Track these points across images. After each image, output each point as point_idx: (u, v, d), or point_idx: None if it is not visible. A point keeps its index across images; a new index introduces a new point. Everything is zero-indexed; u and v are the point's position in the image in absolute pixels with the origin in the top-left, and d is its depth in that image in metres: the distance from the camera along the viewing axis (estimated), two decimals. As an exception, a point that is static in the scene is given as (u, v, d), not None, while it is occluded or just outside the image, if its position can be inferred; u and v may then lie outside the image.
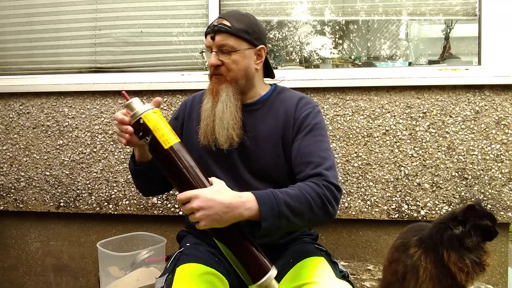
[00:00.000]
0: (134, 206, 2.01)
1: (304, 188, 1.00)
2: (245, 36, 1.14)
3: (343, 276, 1.01)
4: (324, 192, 1.00)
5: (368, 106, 1.88)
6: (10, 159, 2.12)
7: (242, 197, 0.93)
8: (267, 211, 0.93)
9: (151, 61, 2.15)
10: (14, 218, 2.16)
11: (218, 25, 1.14)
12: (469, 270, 0.96)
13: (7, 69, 2.25)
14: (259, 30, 1.19)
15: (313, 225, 1.21)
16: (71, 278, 2.14)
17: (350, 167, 1.89)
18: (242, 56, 1.15)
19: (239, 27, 1.13)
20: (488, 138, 1.82)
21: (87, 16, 2.18)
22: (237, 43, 1.14)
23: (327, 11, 2.11)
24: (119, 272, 1.20)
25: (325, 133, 1.16)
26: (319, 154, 1.09)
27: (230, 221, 0.92)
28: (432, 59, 2.07)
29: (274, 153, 1.16)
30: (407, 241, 1.06)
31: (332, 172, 1.06)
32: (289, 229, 1.06)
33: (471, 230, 0.96)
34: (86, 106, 2.06)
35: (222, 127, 1.12)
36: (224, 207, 0.90)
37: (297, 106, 1.19)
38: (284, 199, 0.96)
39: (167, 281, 1.03)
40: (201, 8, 2.10)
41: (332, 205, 1.01)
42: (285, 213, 0.95)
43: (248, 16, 1.19)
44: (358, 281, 1.45)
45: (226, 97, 1.13)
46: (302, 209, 0.97)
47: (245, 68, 1.16)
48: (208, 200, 0.90)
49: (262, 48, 1.19)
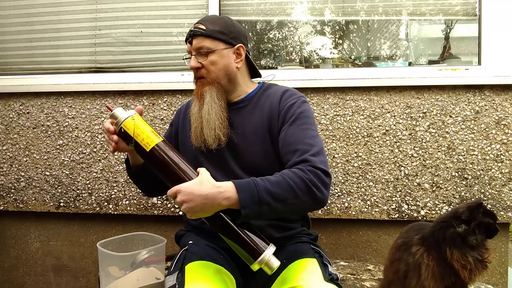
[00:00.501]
0: (134, 206, 2.01)
1: (287, 174, 1.02)
2: (221, 37, 1.18)
3: (331, 279, 1.01)
4: (309, 177, 1.01)
5: (368, 106, 1.88)
6: (10, 159, 2.12)
7: (220, 187, 0.97)
8: (246, 199, 0.96)
9: (151, 61, 2.15)
10: (14, 218, 2.16)
11: (194, 29, 1.19)
12: (472, 267, 0.96)
13: (7, 69, 2.26)
14: (235, 30, 1.22)
15: (303, 211, 1.20)
16: (71, 278, 2.15)
17: (350, 167, 1.89)
18: (220, 56, 1.18)
19: (214, 29, 1.18)
20: (488, 138, 1.82)
21: (87, 16, 2.18)
22: (213, 44, 1.18)
23: (327, 11, 2.11)
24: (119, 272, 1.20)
25: (311, 121, 1.16)
26: (305, 141, 1.10)
27: (212, 211, 0.97)
28: (432, 59, 2.07)
29: (262, 147, 1.18)
30: (408, 240, 1.06)
31: (319, 157, 1.06)
32: (275, 215, 1.06)
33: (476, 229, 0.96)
34: (86, 106, 2.06)
35: (209, 128, 1.16)
36: (203, 199, 0.95)
37: (281, 98, 1.21)
38: (264, 186, 0.98)
39: (178, 279, 1.04)
40: (201, 8, 2.10)
41: (319, 190, 1.01)
42: (266, 199, 0.97)
43: (224, 18, 1.23)
44: (358, 281, 1.45)
45: (210, 98, 1.17)
46: (284, 195, 0.98)
47: (225, 68, 1.19)
48: (188, 193, 0.95)
49: (241, 47, 1.21)
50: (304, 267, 1.06)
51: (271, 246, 0.98)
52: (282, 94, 1.22)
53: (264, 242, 0.98)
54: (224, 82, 1.21)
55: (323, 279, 1.00)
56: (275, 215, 1.06)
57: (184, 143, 1.29)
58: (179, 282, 1.03)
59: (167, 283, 1.07)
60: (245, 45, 1.23)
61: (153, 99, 2.02)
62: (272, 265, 0.96)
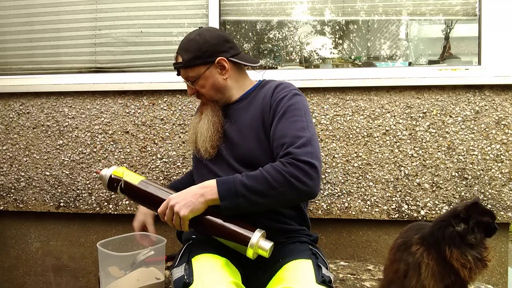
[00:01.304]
0: (134, 206, 2.01)
1: (266, 168, 1.08)
2: (197, 62, 1.25)
3: (323, 281, 1.02)
4: (287, 170, 1.05)
5: (368, 106, 1.88)
6: (10, 159, 2.12)
7: (205, 184, 1.09)
8: (224, 192, 1.06)
9: (151, 61, 2.15)
10: (14, 218, 2.16)
11: (175, 63, 1.29)
12: (472, 266, 0.96)
13: (7, 69, 2.26)
14: (209, 46, 1.25)
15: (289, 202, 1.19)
16: (71, 278, 2.14)
17: (350, 167, 1.89)
18: (205, 78, 1.26)
19: (189, 57, 1.24)
20: (488, 138, 1.82)
21: (87, 16, 2.18)
22: (194, 72, 1.26)
23: (327, 11, 2.11)
24: (119, 272, 1.20)
25: (301, 113, 1.18)
26: (292, 134, 1.12)
27: (202, 205, 1.06)
28: (432, 59, 2.07)
29: (256, 140, 1.21)
30: (408, 240, 1.06)
31: (304, 148, 1.08)
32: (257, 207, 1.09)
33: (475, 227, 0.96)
34: (86, 106, 2.06)
35: (201, 140, 1.27)
36: (194, 194, 1.07)
37: (274, 91, 1.24)
38: (241, 180, 1.07)
39: (186, 270, 1.07)
40: (201, 8, 2.10)
41: (300, 181, 1.05)
42: (242, 192, 1.05)
43: (195, 39, 1.26)
44: (358, 281, 1.45)
45: (205, 116, 1.28)
46: (260, 188, 1.05)
47: (213, 86, 1.27)
48: (179, 195, 1.09)
49: (221, 60, 1.26)
50: (297, 268, 1.07)
51: (257, 230, 1.05)
52: (275, 88, 1.25)
53: (250, 230, 1.05)
54: (218, 97, 1.30)
55: (315, 281, 1.01)
56: (257, 207, 1.09)
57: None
58: (187, 273, 1.05)
59: (174, 275, 1.09)
60: (225, 53, 1.26)
61: (153, 99, 2.02)
62: (264, 247, 1.03)
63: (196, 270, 1.05)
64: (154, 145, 2.01)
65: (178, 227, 1.08)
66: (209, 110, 1.29)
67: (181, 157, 1.99)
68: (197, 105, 1.98)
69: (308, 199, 1.19)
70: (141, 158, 2.02)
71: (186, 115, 1.99)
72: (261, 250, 1.03)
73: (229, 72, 1.28)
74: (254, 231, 1.05)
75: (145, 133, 2.02)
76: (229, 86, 1.29)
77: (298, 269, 1.07)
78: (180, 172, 1.99)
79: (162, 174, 2.00)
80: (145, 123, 2.02)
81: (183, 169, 1.98)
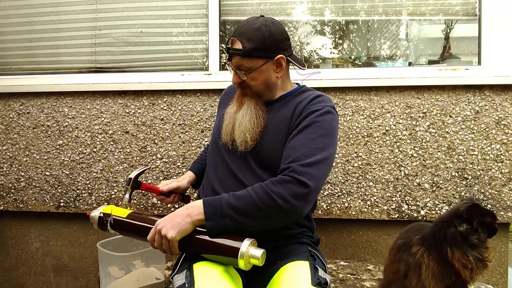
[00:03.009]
0: (134, 206, 2.01)
1: (254, 188, 1.06)
2: (258, 54, 1.17)
3: (318, 284, 1.01)
4: (275, 189, 1.02)
5: (368, 106, 1.88)
6: (10, 159, 2.12)
7: (191, 205, 1.08)
8: (210, 213, 1.04)
9: (151, 61, 2.15)
10: (14, 218, 2.16)
11: (231, 48, 1.18)
12: (473, 267, 0.96)
13: (7, 69, 2.26)
14: (273, 40, 1.18)
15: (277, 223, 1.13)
16: (71, 278, 2.14)
17: (350, 167, 1.89)
18: (259, 72, 1.19)
19: (251, 47, 1.16)
20: (488, 138, 1.82)
21: (87, 16, 2.18)
22: (251, 63, 1.18)
23: (327, 11, 2.11)
24: (119, 272, 1.20)
25: (324, 133, 1.13)
26: (302, 150, 1.09)
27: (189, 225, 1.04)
28: (432, 59, 2.07)
29: (279, 142, 1.18)
30: (408, 240, 1.06)
31: (307, 169, 1.04)
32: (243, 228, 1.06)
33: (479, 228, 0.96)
34: (86, 106, 2.06)
35: (240, 130, 1.20)
36: (180, 215, 1.05)
37: (311, 102, 1.20)
38: (227, 200, 1.04)
39: (187, 277, 1.05)
40: (201, 8, 2.10)
41: (286, 201, 1.01)
42: (227, 212, 1.03)
43: (261, 30, 1.17)
44: (358, 281, 1.45)
45: (247, 107, 1.21)
46: (246, 209, 1.03)
47: (265, 82, 1.21)
48: (166, 218, 1.07)
49: (281, 58, 1.20)
50: (293, 270, 1.07)
51: (246, 239, 1.02)
52: (313, 98, 1.21)
53: (238, 240, 1.03)
54: (264, 93, 1.25)
55: (310, 283, 1.01)
56: (244, 228, 1.06)
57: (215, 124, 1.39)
58: (188, 280, 1.04)
59: (175, 283, 1.08)
60: (285, 51, 1.22)
61: (153, 99, 2.02)
62: (255, 255, 1.00)
63: (197, 277, 1.03)
64: (154, 145, 2.01)
65: (169, 251, 1.06)
66: (252, 102, 1.23)
67: (181, 157, 1.99)
68: (197, 105, 1.98)
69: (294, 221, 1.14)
70: (141, 158, 2.02)
71: (186, 115, 1.99)
72: (252, 259, 1.00)
73: (283, 72, 1.24)
74: (242, 241, 1.02)
75: (145, 133, 2.02)
76: (278, 85, 1.26)
77: (294, 271, 1.07)
78: (180, 172, 1.99)
79: (162, 174, 2.00)
80: (145, 123, 2.02)
81: (183, 169, 1.98)
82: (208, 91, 1.97)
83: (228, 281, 1.02)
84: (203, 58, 2.11)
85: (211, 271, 1.05)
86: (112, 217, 1.19)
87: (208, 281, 1.01)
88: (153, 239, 1.07)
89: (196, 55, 2.11)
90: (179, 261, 1.17)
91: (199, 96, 1.98)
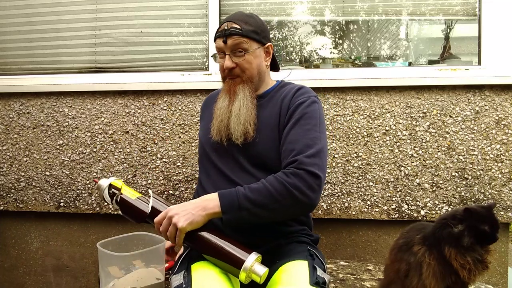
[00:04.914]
0: (134, 206, 2.01)
1: (269, 180, 1.07)
2: (255, 37, 1.21)
3: (316, 283, 1.01)
4: (291, 181, 1.04)
5: (368, 106, 1.88)
6: (10, 159, 2.12)
7: (206, 197, 1.08)
8: (226, 206, 1.04)
9: (151, 61, 2.15)
10: (14, 218, 2.16)
11: (229, 29, 1.19)
12: (471, 267, 0.95)
13: (7, 69, 2.26)
14: (265, 28, 1.26)
15: (291, 215, 1.18)
16: (71, 278, 2.15)
17: (350, 167, 1.89)
18: (254, 55, 1.22)
19: (249, 29, 1.20)
20: (488, 138, 1.82)
21: (87, 16, 2.18)
22: (248, 44, 1.20)
23: (327, 11, 2.11)
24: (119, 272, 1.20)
25: (316, 122, 1.17)
26: (303, 141, 1.11)
27: (202, 218, 1.04)
28: (432, 59, 2.07)
29: (271, 140, 1.19)
30: (410, 240, 1.06)
31: (313, 159, 1.07)
32: (258, 220, 1.08)
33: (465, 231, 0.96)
34: (86, 106, 2.06)
35: (238, 122, 1.18)
36: (195, 207, 1.05)
37: (294, 94, 1.23)
38: (244, 193, 1.05)
39: (185, 278, 1.06)
40: (201, 8, 2.10)
41: (302, 193, 1.04)
42: (245, 205, 1.04)
43: (254, 17, 1.25)
44: (358, 281, 1.45)
45: (243, 95, 1.20)
46: (263, 201, 1.04)
47: (258, 67, 1.24)
48: (179, 206, 1.06)
49: (270, 46, 1.27)
50: (292, 270, 1.07)
51: (253, 253, 1.01)
52: (296, 91, 1.25)
53: (245, 252, 1.01)
54: (256, 80, 1.25)
55: (308, 283, 1.01)
56: (259, 220, 1.08)
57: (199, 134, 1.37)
58: (185, 281, 1.04)
59: (173, 283, 1.08)
60: (271, 43, 1.29)
61: (153, 99, 2.02)
62: (258, 272, 0.99)
63: (194, 278, 1.03)
64: (154, 145, 2.01)
65: (173, 239, 1.05)
66: (247, 90, 1.21)
67: (181, 157, 1.99)
68: (197, 105, 1.98)
69: (308, 211, 1.17)
70: (141, 158, 2.02)
71: (186, 115, 1.99)
72: (254, 275, 0.99)
73: (269, 62, 1.29)
74: (249, 253, 1.01)
75: (145, 133, 2.02)
76: (266, 76, 1.30)
77: (293, 271, 1.07)
78: (180, 172, 1.99)
79: (162, 174, 2.00)
80: (145, 123, 2.02)
81: (183, 169, 1.98)
82: (208, 91, 1.97)
83: (225, 282, 1.02)
84: (203, 58, 2.11)
85: (209, 272, 1.05)
86: (120, 195, 1.15)
87: (206, 281, 1.01)
88: (160, 223, 1.07)
89: (196, 55, 2.11)
90: (178, 261, 1.17)
91: (199, 96, 1.98)
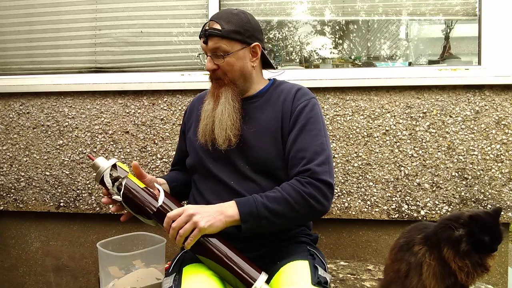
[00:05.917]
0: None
1: (285, 189, 1.06)
2: (237, 37, 1.14)
3: (318, 283, 1.01)
4: (307, 191, 1.05)
5: (368, 106, 1.88)
6: (10, 159, 2.12)
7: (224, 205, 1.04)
8: (245, 214, 1.02)
9: (151, 61, 2.15)
10: (14, 218, 2.16)
11: (209, 29, 1.14)
12: (470, 270, 0.95)
13: (7, 69, 2.26)
14: (251, 27, 1.17)
15: (304, 222, 1.23)
16: (71, 278, 2.14)
17: (350, 167, 1.89)
18: (236, 57, 1.16)
19: (230, 29, 1.13)
20: (488, 138, 1.82)
21: (87, 16, 2.18)
22: (229, 46, 1.14)
23: (327, 11, 2.11)
24: (119, 272, 1.20)
25: (321, 127, 1.16)
26: (312, 149, 1.11)
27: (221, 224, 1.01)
28: (432, 59, 2.07)
29: (273, 144, 1.16)
30: (410, 240, 1.05)
31: (324, 167, 1.08)
32: (275, 228, 1.09)
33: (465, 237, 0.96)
34: (86, 106, 2.06)
35: (221, 128, 1.15)
36: (216, 210, 1.02)
37: (295, 97, 1.20)
38: (262, 202, 1.04)
39: (175, 281, 1.05)
40: (201, 8, 2.10)
41: (318, 202, 1.05)
42: (264, 214, 1.03)
43: (239, 15, 1.17)
44: (358, 281, 1.45)
45: (225, 100, 1.16)
46: (281, 210, 1.04)
47: (241, 69, 1.17)
48: (200, 208, 1.02)
49: (257, 46, 1.18)
50: (293, 270, 1.07)
51: (262, 274, 1.00)
52: (296, 92, 1.21)
53: (256, 271, 1.00)
54: (240, 82, 1.19)
55: (310, 282, 1.00)
56: (275, 228, 1.09)
57: (190, 138, 1.28)
58: (175, 284, 1.04)
59: (163, 286, 1.07)
60: (260, 41, 1.21)
61: (153, 99, 2.02)
62: None
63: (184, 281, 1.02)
64: (154, 145, 2.01)
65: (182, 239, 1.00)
66: (229, 94, 1.17)
67: (181, 157, 1.99)
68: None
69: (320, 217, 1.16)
70: (141, 158, 2.02)
71: (186, 115, 1.99)
72: None
73: (257, 62, 1.21)
74: (260, 273, 1.00)
75: (145, 133, 2.02)
76: (252, 76, 1.22)
77: (294, 271, 1.06)
78: (180, 172, 1.99)
79: (162, 174, 2.00)
80: (145, 123, 2.02)
81: (183, 169, 1.98)
82: (208, 91, 1.97)
83: (217, 284, 1.01)
84: (201, 60, 2.11)
85: (199, 276, 1.04)
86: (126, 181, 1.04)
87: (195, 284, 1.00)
88: (174, 219, 1.00)
89: (196, 55, 2.11)
90: (172, 264, 1.17)
91: (199, 96, 1.98)
